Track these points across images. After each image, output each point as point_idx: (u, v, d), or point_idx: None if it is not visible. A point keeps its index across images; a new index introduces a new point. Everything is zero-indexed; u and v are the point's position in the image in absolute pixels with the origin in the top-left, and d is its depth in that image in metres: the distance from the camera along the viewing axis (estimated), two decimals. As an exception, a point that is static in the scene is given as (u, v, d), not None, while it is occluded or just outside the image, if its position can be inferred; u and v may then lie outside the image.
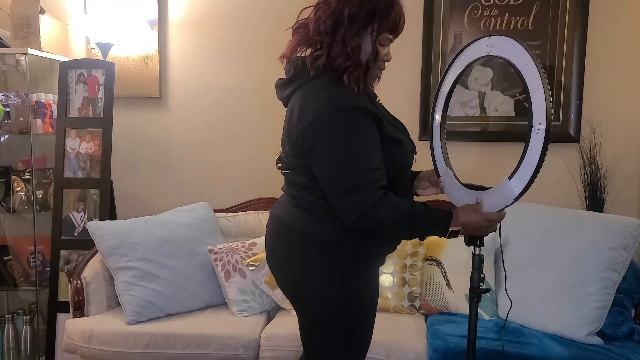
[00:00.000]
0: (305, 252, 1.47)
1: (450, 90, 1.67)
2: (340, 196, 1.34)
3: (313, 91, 1.36)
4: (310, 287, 1.48)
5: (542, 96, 1.34)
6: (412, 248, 2.42)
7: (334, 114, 1.30)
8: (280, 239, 1.53)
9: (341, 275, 1.45)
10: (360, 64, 1.36)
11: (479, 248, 1.56)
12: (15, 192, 2.77)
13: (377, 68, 1.42)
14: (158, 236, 2.47)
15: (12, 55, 2.74)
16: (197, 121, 3.01)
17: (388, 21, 1.36)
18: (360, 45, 1.35)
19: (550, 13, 2.67)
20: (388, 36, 1.38)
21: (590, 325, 2.10)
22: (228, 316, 2.38)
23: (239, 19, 2.91)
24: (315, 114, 1.32)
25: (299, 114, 1.36)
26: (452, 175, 1.67)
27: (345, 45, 1.34)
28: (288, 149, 1.46)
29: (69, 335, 2.28)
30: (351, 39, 1.34)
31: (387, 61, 1.43)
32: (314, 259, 1.46)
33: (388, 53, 1.42)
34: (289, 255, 1.51)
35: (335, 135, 1.30)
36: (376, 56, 1.38)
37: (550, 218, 2.34)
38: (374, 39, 1.36)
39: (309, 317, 1.53)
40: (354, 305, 1.48)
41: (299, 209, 1.48)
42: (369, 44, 1.36)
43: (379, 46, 1.38)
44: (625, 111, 2.68)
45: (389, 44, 1.41)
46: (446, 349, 2.02)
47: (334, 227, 1.42)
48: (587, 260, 2.16)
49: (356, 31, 1.34)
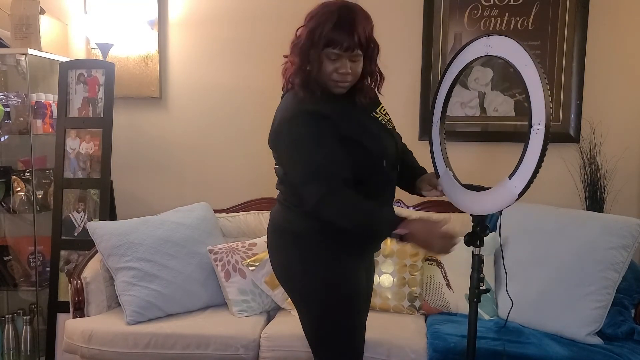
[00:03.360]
0: (282, 243, 1.65)
1: (450, 90, 1.67)
2: (301, 186, 1.49)
3: (284, 101, 1.59)
4: (291, 277, 1.65)
5: (542, 96, 1.34)
6: (412, 248, 2.42)
7: (293, 117, 1.50)
8: (270, 234, 1.72)
9: (312, 263, 1.59)
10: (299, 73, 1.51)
11: (478, 248, 1.56)
12: (15, 192, 2.77)
13: (329, 78, 1.51)
14: (158, 236, 2.47)
15: (12, 56, 2.74)
16: (197, 121, 3.01)
17: (318, 40, 1.46)
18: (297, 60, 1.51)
19: (550, 13, 2.67)
20: (331, 50, 1.47)
21: (590, 325, 2.10)
22: (228, 316, 2.38)
23: (239, 19, 2.91)
24: (281, 117, 1.53)
25: (274, 119, 1.57)
26: (452, 176, 1.67)
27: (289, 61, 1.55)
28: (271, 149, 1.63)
29: (69, 335, 2.28)
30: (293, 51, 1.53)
31: (342, 74, 1.50)
32: (288, 249, 1.63)
33: (340, 66, 1.49)
34: (277, 251, 1.69)
35: (293, 134, 1.49)
36: (319, 68, 1.49)
37: (550, 218, 2.34)
38: (319, 54, 1.48)
39: (299, 308, 1.67)
40: (328, 293, 1.59)
41: (278, 203, 1.69)
42: (314, 56, 1.48)
43: (325, 59, 1.48)
44: (625, 111, 2.69)
45: (338, 58, 1.48)
46: (446, 349, 2.02)
47: (301, 216, 1.57)
48: (587, 260, 2.16)
49: (299, 47, 1.51)
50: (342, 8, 1.49)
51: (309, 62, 1.49)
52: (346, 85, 1.54)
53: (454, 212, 2.59)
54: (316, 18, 1.49)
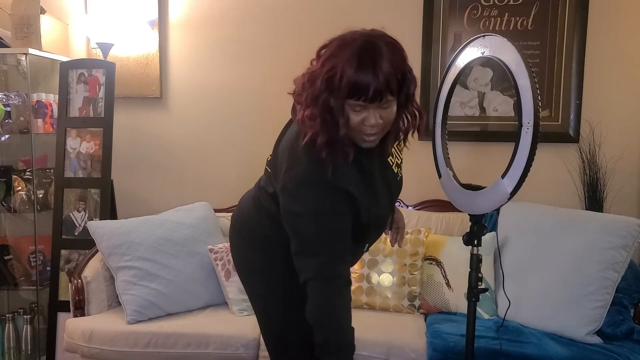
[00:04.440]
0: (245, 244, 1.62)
1: (450, 91, 1.68)
2: (296, 255, 1.35)
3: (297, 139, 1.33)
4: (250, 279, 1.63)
5: (531, 95, 1.35)
6: (412, 247, 2.43)
7: (309, 184, 1.30)
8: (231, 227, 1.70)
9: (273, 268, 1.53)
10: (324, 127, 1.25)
11: (477, 248, 1.57)
12: (15, 191, 2.78)
13: (357, 132, 1.27)
14: (158, 236, 2.47)
15: (13, 55, 2.74)
16: (197, 121, 3.01)
17: (339, 87, 1.21)
18: (317, 113, 1.25)
19: (550, 13, 2.67)
20: (354, 102, 1.22)
21: (590, 325, 2.11)
22: (228, 315, 2.39)
23: (239, 19, 2.92)
24: (294, 177, 1.32)
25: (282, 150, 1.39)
26: (452, 176, 1.68)
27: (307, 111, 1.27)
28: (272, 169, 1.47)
29: (69, 334, 2.28)
30: (308, 99, 1.27)
31: (371, 127, 1.26)
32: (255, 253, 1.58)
33: (367, 117, 1.24)
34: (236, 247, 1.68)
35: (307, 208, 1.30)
36: (346, 120, 1.25)
37: (550, 218, 2.35)
38: (341, 103, 1.23)
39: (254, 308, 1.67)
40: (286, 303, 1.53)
41: (252, 200, 1.61)
42: (336, 105, 1.24)
43: (350, 110, 1.24)
44: (625, 111, 2.69)
45: (362, 109, 1.23)
46: (446, 348, 2.02)
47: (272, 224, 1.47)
48: (586, 260, 2.17)
49: (318, 94, 1.24)
50: (363, 45, 1.20)
51: (332, 113, 1.24)
52: (376, 138, 1.30)
53: (454, 212, 2.62)
54: (332, 59, 1.22)
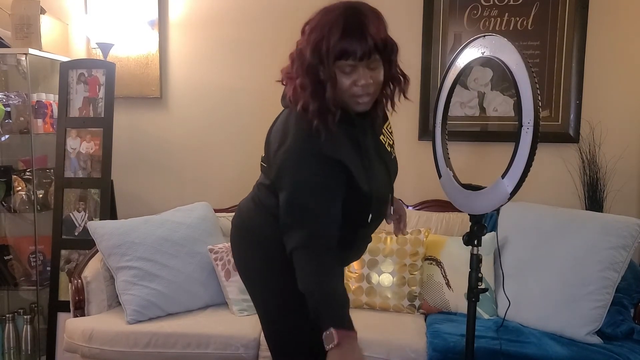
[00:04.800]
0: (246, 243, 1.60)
1: (450, 91, 1.68)
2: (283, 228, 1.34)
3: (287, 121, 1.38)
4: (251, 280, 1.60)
5: (531, 95, 1.35)
6: (412, 247, 2.43)
7: (300, 158, 1.32)
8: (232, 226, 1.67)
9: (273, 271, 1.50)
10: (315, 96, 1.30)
11: (476, 248, 1.57)
12: (15, 191, 2.78)
13: (349, 95, 1.32)
14: (158, 236, 2.48)
15: (13, 55, 2.74)
16: (197, 121, 3.01)
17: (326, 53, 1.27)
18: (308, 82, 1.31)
19: (550, 13, 2.67)
20: (344, 63, 1.27)
21: (590, 325, 2.11)
22: (228, 316, 2.39)
23: (239, 19, 2.92)
24: (286, 150, 1.34)
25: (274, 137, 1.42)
26: (452, 176, 1.68)
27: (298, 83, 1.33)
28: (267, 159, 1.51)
29: (69, 334, 2.28)
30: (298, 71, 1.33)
31: (362, 86, 1.30)
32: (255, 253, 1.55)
33: (358, 78, 1.29)
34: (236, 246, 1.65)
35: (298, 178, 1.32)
36: (334, 84, 1.30)
37: (550, 218, 2.35)
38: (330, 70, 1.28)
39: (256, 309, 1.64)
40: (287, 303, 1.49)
41: (251, 200, 1.60)
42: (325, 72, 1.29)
43: (339, 73, 1.29)
44: (625, 111, 2.69)
45: (351, 70, 1.29)
46: (446, 348, 2.02)
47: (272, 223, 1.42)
48: (586, 260, 2.17)
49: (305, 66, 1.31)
50: (347, 10, 1.27)
51: (322, 82, 1.30)
52: (369, 100, 1.35)
53: (454, 212, 2.62)
54: (318, 28, 1.28)
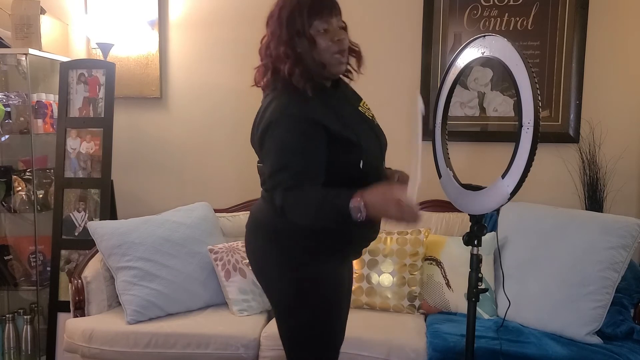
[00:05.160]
0: (263, 240, 1.59)
1: (450, 91, 1.68)
2: (271, 192, 1.43)
3: (270, 101, 1.51)
4: (265, 276, 1.61)
5: (531, 95, 1.35)
6: (412, 248, 2.43)
7: (281, 120, 1.43)
8: (248, 229, 1.67)
9: (288, 265, 1.53)
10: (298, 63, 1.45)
11: (476, 248, 1.57)
12: (16, 192, 2.78)
13: (330, 53, 1.47)
14: (158, 236, 2.48)
15: (13, 55, 2.74)
16: (197, 121, 3.01)
17: (304, 15, 1.44)
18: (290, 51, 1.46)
19: (550, 13, 2.67)
20: (320, 21, 1.45)
21: (590, 325, 2.11)
22: (228, 316, 2.39)
23: (239, 19, 2.92)
24: (268, 119, 1.45)
25: (259, 119, 1.52)
26: (452, 176, 1.68)
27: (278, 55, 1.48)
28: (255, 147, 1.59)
29: (69, 334, 2.28)
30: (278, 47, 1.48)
31: (339, 40, 1.47)
32: (268, 248, 1.56)
33: (333, 35, 1.46)
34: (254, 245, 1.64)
35: (278, 136, 1.43)
36: (314, 47, 1.45)
37: (550, 218, 2.35)
38: (307, 35, 1.45)
39: (272, 306, 1.66)
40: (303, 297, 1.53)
41: (262, 200, 1.63)
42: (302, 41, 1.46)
43: (317, 36, 1.45)
44: (625, 111, 2.69)
45: (329, 27, 1.46)
46: (446, 348, 2.02)
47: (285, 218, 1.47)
48: (586, 260, 2.17)
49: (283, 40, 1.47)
50: None
51: (298, 47, 1.46)
52: (345, 59, 1.51)
53: (454, 212, 2.62)
54: (288, 6, 1.47)
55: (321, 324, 1.55)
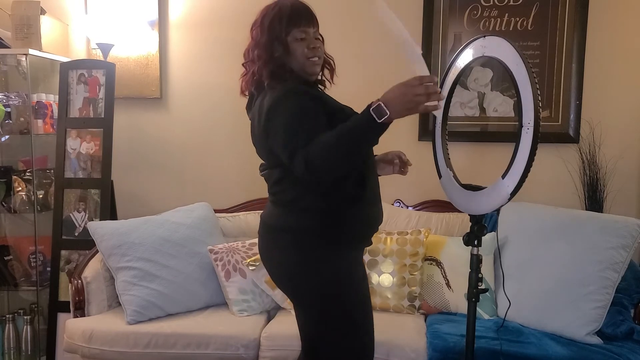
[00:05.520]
0: (285, 245, 1.59)
1: (451, 91, 1.68)
2: (290, 164, 1.45)
3: (264, 96, 1.56)
4: (297, 278, 1.59)
5: (531, 96, 1.35)
6: (412, 248, 2.43)
7: (279, 99, 1.50)
8: (264, 237, 1.69)
9: (314, 261, 1.55)
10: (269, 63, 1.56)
11: (476, 248, 1.57)
12: (16, 192, 2.78)
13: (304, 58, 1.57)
14: (158, 236, 2.48)
15: (13, 56, 2.74)
16: (197, 121, 3.01)
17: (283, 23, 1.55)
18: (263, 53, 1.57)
19: (550, 14, 2.68)
20: (297, 29, 1.55)
21: (590, 325, 2.11)
22: (228, 316, 2.39)
23: (239, 19, 2.89)
24: (267, 104, 1.52)
25: (259, 113, 1.57)
26: (452, 176, 1.68)
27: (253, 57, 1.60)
28: (259, 151, 1.66)
29: (69, 335, 2.28)
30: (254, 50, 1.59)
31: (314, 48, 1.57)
32: (293, 249, 1.57)
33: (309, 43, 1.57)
34: (274, 252, 1.64)
35: (279, 114, 1.48)
36: (289, 52, 1.56)
37: (550, 218, 2.35)
38: (284, 41, 1.56)
39: (304, 307, 1.65)
40: (338, 288, 1.56)
41: (274, 205, 1.65)
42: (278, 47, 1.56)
43: (293, 43, 1.56)
44: (625, 111, 2.69)
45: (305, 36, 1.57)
46: (446, 348, 2.02)
47: (303, 214, 1.56)
48: (586, 260, 2.17)
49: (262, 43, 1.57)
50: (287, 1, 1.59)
51: (276, 51, 1.56)
52: (320, 63, 1.61)
53: (454, 212, 2.62)
54: (270, 14, 1.57)
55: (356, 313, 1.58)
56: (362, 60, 2.80)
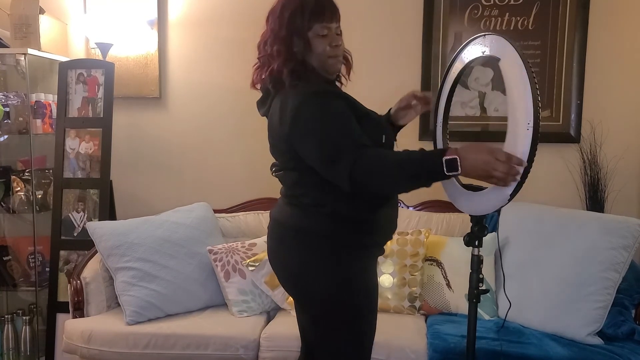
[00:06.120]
0: (301, 247, 1.53)
1: (451, 91, 1.67)
2: (328, 169, 1.40)
3: (286, 95, 1.49)
4: (309, 281, 1.53)
5: (530, 96, 1.35)
6: (412, 248, 2.42)
7: (305, 101, 1.43)
8: (277, 237, 1.61)
9: (336, 265, 1.51)
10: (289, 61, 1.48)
11: (477, 249, 1.56)
12: (14, 192, 2.77)
13: (325, 57, 1.50)
14: (158, 236, 2.47)
15: (12, 55, 2.74)
16: (196, 121, 3.00)
17: (306, 17, 1.46)
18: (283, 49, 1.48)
19: (551, 13, 2.67)
20: (320, 25, 1.47)
21: (591, 326, 2.10)
22: (228, 316, 2.38)
23: (238, 19, 2.91)
24: (291, 106, 1.44)
25: (279, 113, 1.48)
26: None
27: (272, 52, 1.51)
28: (276, 150, 1.58)
29: (68, 335, 2.28)
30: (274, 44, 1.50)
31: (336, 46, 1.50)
32: (310, 252, 1.52)
33: (331, 40, 1.49)
34: (287, 253, 1.57)
35: (310, 117, 1.42)
36: (310, 49, 1.48)
37: (551, 218, 2.34)
38: (305, 37, 1.48)
39: (312, 312, 1.59)
40: (352, 295, 1.53)
41: (291, 207, 1.57)
42: (299, 42, 1.48)
43: (315, 39, 1.48)
44: (626, 111, 2.68)
45: (328, 32, 1.49)
46: (446, 349, 2.02)
47: (325, 218, 1.49)
48: (587, 261, 2.16)
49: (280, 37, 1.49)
50: None
51: (295, 46, 1.48)
52: (341, 61, 1.56)
53: (454, 213, 2.61)
54: (290, 5, 1.48)
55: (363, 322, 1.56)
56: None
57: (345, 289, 1.51)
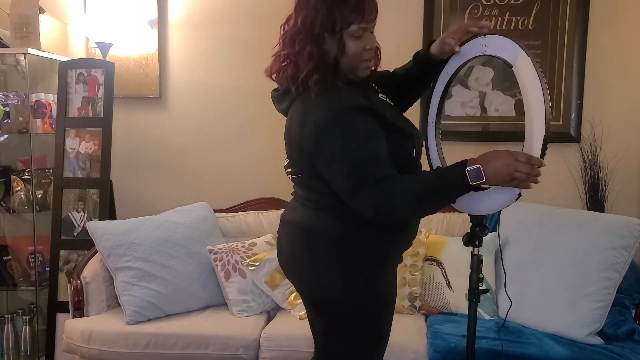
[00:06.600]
0: (326, 253, 1.45)
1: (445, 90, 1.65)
2: (351, 198, 1.33)
3: (310, 104, 1.37)
4: (332, 288, 1.45)
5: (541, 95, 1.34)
6: (412, 248, 2.42)
7: (331, 119, 1.32)
8: (298, 243, 1.51)
9: (363, 274, 1.44)
10: (320, 67, 1.35)
11: (477, 248, 1.56)
12: (14, 192, 2.77)
13: (358, 60, 1.39)
14: (158, 236, 2.47)
15: (12, 55, 2.73)
16: (197, 121, 3.00)
17: (345, 15, 1.33)
18: (316, 51, 1.35)
19: (551, 13, 2.67)
20: (358, 26, 1.35)
21: (591, 325, 2.10)
22: (228, 316, 2.38)
23: (239, 18, 2.91)
24: (316, 121, 1.34)
25: (300, 123, 1.38)
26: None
27: (301, 51, 1.36)
28: (295, 156, 1.47)
29: (68, 335, 2.28)
30: (305, 42, 1.35)
31: (370, 49, 1.40)
32: (335, 259, 1.44)
33: (367, 42, 1.39)
34: (308, 258, 1.49)
35: (335, 138, 1.32)
36: (343, 51, 1.36)
37: (551, 218, 2.34)
38: (340, 36, 1.35)
39: (332, 319, 1.50)
40: (374, 304, 1.47)
41: (315, 211, 1.47)
42: (331, 41, 1.35)
43: (350, 40, 1.36)
44: (626, 111, 2.68)
45: (364, 33, 1.38)
46: (446, 349, 2.02)
47: (352, 225, 1.41)
48: (587, 260, 2.16)
49: (314, 34, 1.34)
50: None
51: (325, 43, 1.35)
52: (372, 65, 1.45)
53: (454, 212, 2.60)
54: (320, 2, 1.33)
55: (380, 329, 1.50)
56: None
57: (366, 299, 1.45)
